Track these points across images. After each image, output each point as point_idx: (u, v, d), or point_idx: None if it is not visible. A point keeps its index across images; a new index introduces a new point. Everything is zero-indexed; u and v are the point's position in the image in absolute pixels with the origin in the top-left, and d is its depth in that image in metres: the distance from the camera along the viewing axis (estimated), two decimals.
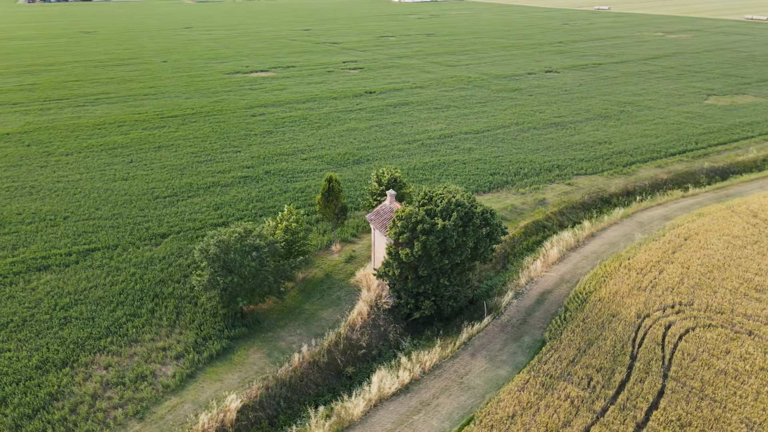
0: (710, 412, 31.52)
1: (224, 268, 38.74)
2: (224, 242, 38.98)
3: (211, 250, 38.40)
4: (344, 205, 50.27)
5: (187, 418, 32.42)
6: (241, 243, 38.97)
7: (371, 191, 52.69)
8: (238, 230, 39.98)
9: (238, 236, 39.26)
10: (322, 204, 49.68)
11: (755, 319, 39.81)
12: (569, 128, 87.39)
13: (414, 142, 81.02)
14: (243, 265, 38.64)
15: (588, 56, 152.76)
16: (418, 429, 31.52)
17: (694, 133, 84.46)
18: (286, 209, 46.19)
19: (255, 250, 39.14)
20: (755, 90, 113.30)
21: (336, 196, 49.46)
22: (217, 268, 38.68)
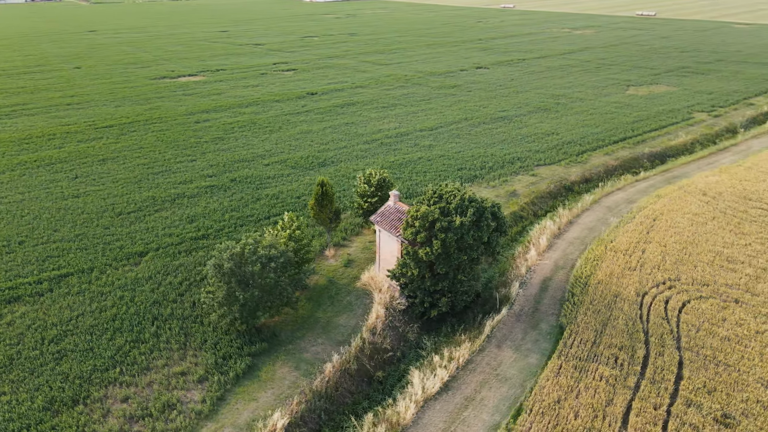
0: (728, 376, 34.39)
1: (242, 283, 36.97)
2: (238, 255, 37.17)
3: (226, 265, 36.48)
4: (338, 208, 49.49)
5: None
6: (256, 255, 37.33)
7: (360, 193, 52.24)
8: (249, 242, 38.25)
9: (251, 248, 37.56)
10: (315, 209, 48.60)
11: (736, 288, 43.77)
12: (516, 121, 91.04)
13: (372, 141, 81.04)
14: (262, 278, 37.07)
15: (510, 52, 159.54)
16: (472, 425, 31.88)
17: (627, 122, 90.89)
18: (287, 216, 44.74)
19: (271, 261, 37.66)
20: (666, 80, 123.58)
21: (330, 200, 48.57)
22: (234, 283, 36.82)
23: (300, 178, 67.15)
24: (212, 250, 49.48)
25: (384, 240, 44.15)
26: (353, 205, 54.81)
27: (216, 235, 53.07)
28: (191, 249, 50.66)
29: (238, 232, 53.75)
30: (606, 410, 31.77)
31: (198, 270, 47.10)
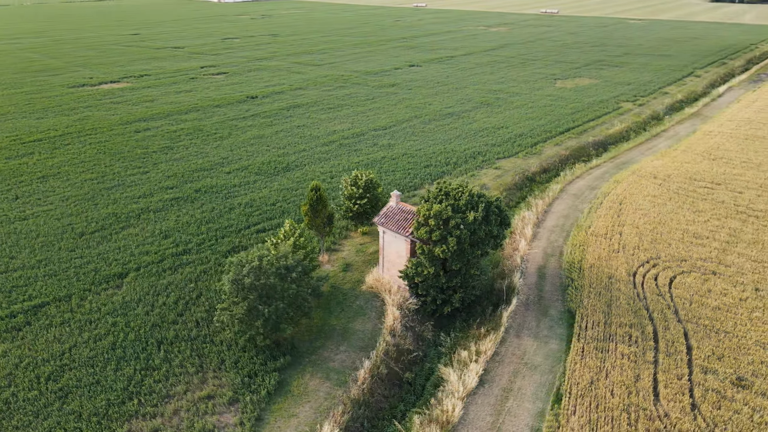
0: (729, 342, 37.55)
1: (263, 296, 35.40)
2: (257, 268, 35.54)
3: (247, 280, 34.77)
4: (331, 213, 48.56)
5: None
6: (275, 267, 35.87)
7: (349, 195, 51.55)
8: (264, 253, 36.68)
9: (269, 260, 36.04)
10: (310, 215, 47.39)
11: (710, 261, 47.76)
12: (464, 117, 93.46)
13: (330, 143, 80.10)
14: (284, 289, 35.71)
15: (437, 50, 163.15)
16: (518, 414, 32.63)
17: (566, 113, 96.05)
18: (288, 224, 43.28)
19: (291, 271, 36.36)
20: (586, 73, 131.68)
21: (324, 205, 47.56)
22: (256, 297, 35.19)
23: (268, 185, 65.10)
24: (202, 265, 47.37)
25: (388, 241, 43.93)
26: (341, 209, 53.99)
27: (198, 250, 50.35)
28: (176, 266, 47.72)
29: (220, 244, 51.33)
30: (636, 386, 33.67)
31: (191, 287, 44.52)
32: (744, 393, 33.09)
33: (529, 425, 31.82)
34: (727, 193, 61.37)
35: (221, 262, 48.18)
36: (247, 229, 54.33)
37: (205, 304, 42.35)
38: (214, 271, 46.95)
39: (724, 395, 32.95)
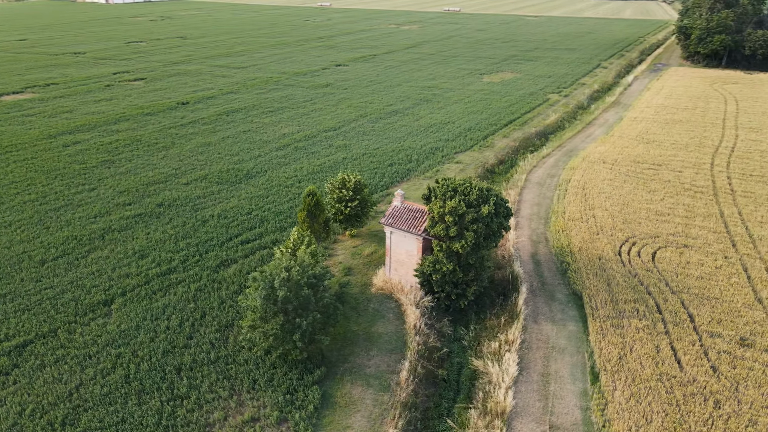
0: (721, 306, 41.30)
1: (298, 308, 33.93)
2: (287, 280, 33.98)
3: (281, 294, 33.14)
4: (328, 217, 47.40)
5: None
6: (306, 277, 34.49)
7: (339, 198, 50.50)
8: (291, 264, 35.13)
9: (299, 270, 34.58)
10: (308, 221, 46.00)
11: (678, 235, 52.12)
12: (409, 114, 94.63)
13: (284, 147, 77.97)
14: (318, 300, 34.47)
15: (357, 49, 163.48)
16: (564, 396, 33.90)
17: (503, 106, 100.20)
18: (295, 233, 41.66)
19: (320, 281, 35.16)
20: (507, 67, 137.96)
21: (322, 210, 46.36)
22: (290, 311, 33.66)
23: (234, 194, 62.22)
24: (194, 283, 44.63)
25: (396, 241, 43.70)
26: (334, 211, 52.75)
27: (184, 267, 47.18)
28: (165, 287, 44.45)
29: (207, 259, 48.45)
30: (660, 356, 36.16)
31: (191, 308, 41.70)
32: (750, 351, 36.63)
33: (578, 405, 33.22)
34: (669, 173, 67.16)
35: (215, 278, 45.58)
36: (230, 241, 51.69)
37: (213, 324, 39.89)
38: (211, 288, 44.29)
39: (735, 355, 36.29)
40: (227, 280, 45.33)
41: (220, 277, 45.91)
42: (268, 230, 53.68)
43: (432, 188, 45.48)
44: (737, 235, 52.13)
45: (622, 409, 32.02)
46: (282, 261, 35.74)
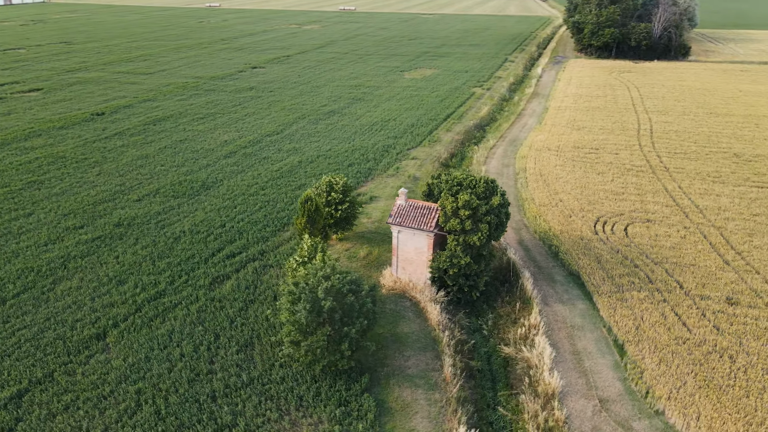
0: (698, 270, 45.63)
1: (344, 317, 32.79)
2: (333, 289, 32.68)
3: (327, 304, 31.80)
4: (326, 222, 46.06)
5: None
6: (347, 284, 33.37)
7: (328, 201, 49.18)
8: (328, 272, 33.81)
9: (339, 278, 33.38)
10: (308, 227, 44.40)
11: (638, 212, 56.71)
12: (347, 114, 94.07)
13: (231, 155, 74.39)
14: (362, 306, 33.53)
15: (268, 50, 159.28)
16: (600, 371, 35.81)
17: (435, 102, 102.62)
18: (309, 241, 39.94)
19: (361, 287, 34.22)
20: (423, 63, 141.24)
21: (321, 215, 44.95)
22: (336, 320, 32.44)
23: (197, 207, 58.43)
24: (192, 304, 41.76)
25: (404, 240, 43.52)
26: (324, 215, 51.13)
27: (174, 289, 43.67)
28: (162, 312, 40.90)
29: (196, 278, 45.17)
30: (667, 322, 39.34)
31: (201, 331, 38.78)
32: (738, 309, 40.95)
33: (616, 377, 35.30)
34: (608, 155, 72.80)
35: (213, 297, 42.70)
36: (213, 257, 48.58)
37: (231, 345, 37.43)
38: (214, 308, 41.43)
39: (728, 313, 40.38)
40: (228, 298, 42.66)
41: (219, 295, 43.09)
42: (250, 242, 51.13)
43: (431, 184, 45.97)
44: (686, 207, 57.81)
45: (657, 375, 34.54)
46: (316, 270, 34.29)
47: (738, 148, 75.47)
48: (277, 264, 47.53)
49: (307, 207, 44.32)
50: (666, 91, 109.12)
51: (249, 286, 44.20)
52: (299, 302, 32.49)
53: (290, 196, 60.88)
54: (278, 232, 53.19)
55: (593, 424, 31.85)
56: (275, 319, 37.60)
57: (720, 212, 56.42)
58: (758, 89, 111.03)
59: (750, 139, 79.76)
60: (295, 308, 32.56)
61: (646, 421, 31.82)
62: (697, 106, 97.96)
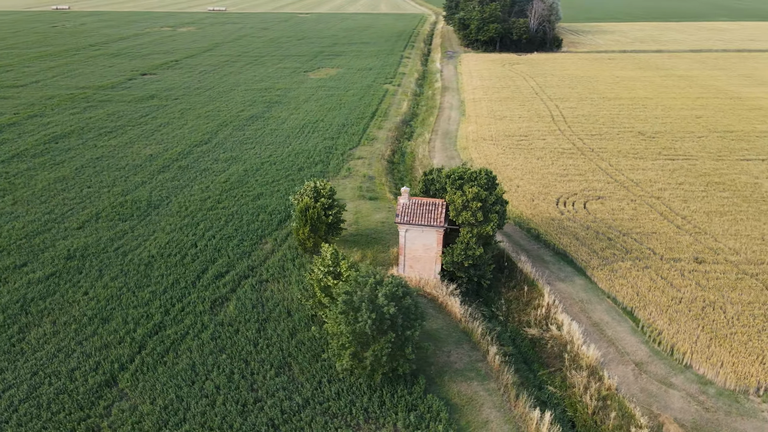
0: (661, 237, 50.82)
1: (405, 320, 32.09)
2: (391, 294, 31.79)
3: (391, 310, 30.91)
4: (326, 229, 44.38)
5: None
6: (401, 288, 32.65)
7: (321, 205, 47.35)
8: (377, 279, 32.81)
9: (391, 280, 32.56)
10: (313, 236, 42.56)
11: (587, 191, 61.61)
12: (270, 117, 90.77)
13: (166, 168, 68.62)
14: (416, 307, 33.02)
15: (152, 55, 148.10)
16: (624, 338, 38.66)
17: (354, 101, 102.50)
18: (329, 250, 38.16)
19: (409, 290, 33.64)
20: (323, 63, 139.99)
21: (323, 222, 43.26)
22: (399, 325, 31.68)
23: (154, 227, 53.27)
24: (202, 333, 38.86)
25: (412, 238, 43.38)
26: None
27: (175, 319, 39.68)
28: (170, 346, 37.03)
29: (191, 304, 41.39)
30: (658, 285, 43.47)
31: (225, 359, 35.73)
32: (707, 266, 46.41)
33: (638, 341, 38.38)
34: (538, 142, 78.09)
35: (222, 322, 39.51)
36: (200, 280, 44.76)
37: (267, 369, 35.01)
38: (228, 333, 38.33)
39: (701, 271, 45.59)
40: (238, 320, 39.70)
41: (226, 318, 39.93)
42: (233, 259, 47.85)
43: (428, 180, 46.37)
44: (624, 182, 63.96)
45: (672, 333, 38.19)
46: (366, 277, 33.10)
47: (639, 128, 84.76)
48: (273, 278, 45.06)
49: (309, 215, 42.52)
50: (557, 80, 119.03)
51: (255, 304, 41.47)
52: (360, 311, 31.29)
53: (252, 207, 57.75)
54: (257, 246, 50.33)
55: (640, 386, 34.56)
56: (320, 335, 35.73)
57: (652, 184, 63.23)
58: (630, 75, 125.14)
59: (644, 118, 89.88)
60: (358, 317, 31.29)
61: (681, 376, 35.19)
62: (589, 92, 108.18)
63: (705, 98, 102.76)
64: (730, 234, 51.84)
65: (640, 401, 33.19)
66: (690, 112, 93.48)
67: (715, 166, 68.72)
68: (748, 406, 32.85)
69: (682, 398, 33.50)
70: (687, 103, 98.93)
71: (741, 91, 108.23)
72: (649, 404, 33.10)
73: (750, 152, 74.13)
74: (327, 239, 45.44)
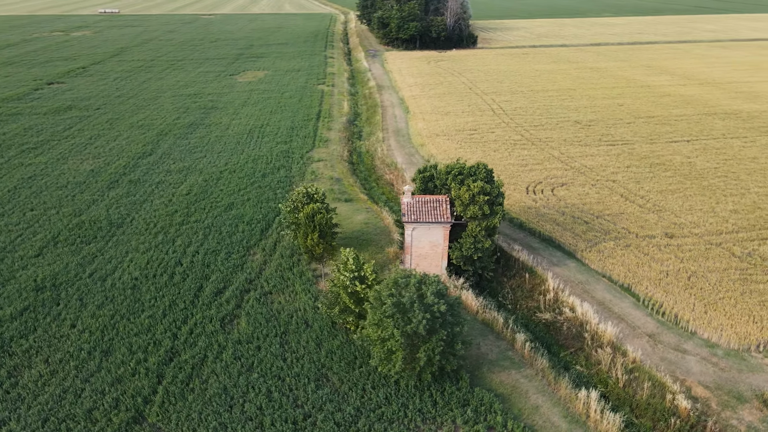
0: (631, 216, 54.52)
1: (452, 317, 32.09)
2: (438, 292, 31.65)
3: (442, 307, 30.79)
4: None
5: None
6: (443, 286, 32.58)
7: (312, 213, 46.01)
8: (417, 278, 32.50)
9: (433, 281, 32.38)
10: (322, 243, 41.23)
11: (551, 177, 64.68)
12: (211, 124, 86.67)
13: (115, 185, 63.52)
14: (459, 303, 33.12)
15: (52, 62, 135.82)
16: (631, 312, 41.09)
17: (293, 102, 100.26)
18: (351, 254, 37.10)
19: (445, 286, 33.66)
20: (247, 66, 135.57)
21: (330, 228, 42.06)
22: (449, 321, 31.66)
23: (127, 247, 49.18)
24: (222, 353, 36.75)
25: (419, 236, 43.34)
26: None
27: (187, 343, 36.96)
28: (194, 371, 34.50)
29: (199, 325, 38.78)
30: (644, 261, 46.68)
31: (257, 378, 33.83)
32: (677, 239, 50.51)
33: (645, 314, 40.93)
34: (488, 134, 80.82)
35: (236, 339, 37.39)
36: (198, 299, 41.97)
37: (305, 383, 33.62)
38: (249, 351, 36.33)
39: (674, 245, 49.53)
40: (255, 336, 37.74)
41: (243, 336, 37.83)
42: (226, 273, 45.34)
43: (426, 177, 46.60)
44: (579, 168, 67.88)
45: (671, 304, 41.21)
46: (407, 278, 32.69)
47: (574, 117, 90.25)
48: (276, 290, 43.22)
49: (317, 221, 41.20)
50: (484, 75, 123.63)
51: (268, 318, 39.62)
52: (411, 312, 30.89)
53: (227, 218, 54.99)
54: (246, 258, 48.03)
55: (659, 355, 37.02)
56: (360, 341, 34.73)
57: (604, 169, 67.69)
58: (547, 68, 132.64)
59: (575, 108, 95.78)
60: (410, 318, 30.86)
61: (690, 342, 38.14)
62: (517, 85, 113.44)
63: (620, 88, 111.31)
64: (685, 210, 56.75)
65: (664, 370, 35.61)
66: (612, 100, 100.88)
67: (651, 149, 74.79)
68: (754, 362, 36.32)
69: (698, 362, 36.37)
70: (606, 93, 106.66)
71: (647, 80, 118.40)
72: (673, 371, 35.62)
73: (674, 134, 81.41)
74: (331, 244, 44.27)
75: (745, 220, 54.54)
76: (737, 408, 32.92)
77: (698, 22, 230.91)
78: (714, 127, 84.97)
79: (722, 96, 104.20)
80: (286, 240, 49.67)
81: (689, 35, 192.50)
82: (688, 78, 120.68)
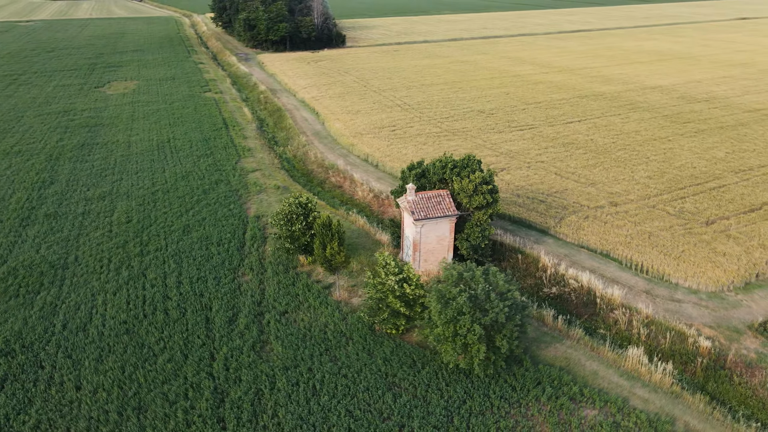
0: (572, 192, 60.02)
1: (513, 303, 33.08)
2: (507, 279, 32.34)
3: (516, 294, 31.62)
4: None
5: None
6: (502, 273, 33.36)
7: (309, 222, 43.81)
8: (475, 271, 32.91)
9: (490, 268, 33.03)
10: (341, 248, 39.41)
11: (491, 164, 68.51)
12: (109, 143, 77.53)
13: (28, 221, 54.39)
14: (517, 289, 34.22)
15: None
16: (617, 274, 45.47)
17: (190, 113, 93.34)
18: (389, 257, 36.01)
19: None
20: (112, 77, 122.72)
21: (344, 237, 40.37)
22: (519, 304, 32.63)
23: (92, 292, 42.53)
24: (276, 383, 34.24)
25: (426, 233, 43.48)
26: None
27: (232, 381, 33.27)
28: (256, 409, 31.31)
29: (232, 359, 35.15)
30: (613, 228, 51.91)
31: (327, 399, 31.79)
32: (620, 207, 56.86)
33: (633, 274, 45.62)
34: (409, 129, 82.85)
35: (282, 366, 34.68)
36: (211, 332, 37.92)
37: (381, 396, 32.39)
38: (304, 378, 33.88)
39: (622, 212, 55.68)
40: (298, 359, 35.28)
41: (286, 362, 35.15)
42: (227, 299, 41.48)
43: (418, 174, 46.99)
44: (508, 153, 72.78)
45: (649, 263, 46.49)
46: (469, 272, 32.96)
47: (476, 107, 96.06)
48: (292, 309, 40.61)
49: (334, 229, 39.40)
50: (370, 73, 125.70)
51: (300, 339, 37.22)
52: (489, 302, 31.34)
53: (190, 242, 50.04)
54: (236, 279, 44.34)
55: (662, 307, 41.70)
56: (434, 341, 34.04)
57: (528, 152, 73.45)
58: (424, 63, 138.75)
59: (471, 99, 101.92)
60: (488, 309, 31.25)
61: (679, 292, 43.45)
62: (407, 80, 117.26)
63: (498, 78, 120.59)
64: (611, 180, 63.97)
65: (672, 318, 40.39)
66: (498, 90, 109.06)
67: (555, 131, 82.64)
68: (732, 300, 42.71)
69: (693, 307, 41.80)
70: (489, 83, 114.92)
71: (514, 70, 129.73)
72: (678, 319, 40.53)
73: (566, 116, 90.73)
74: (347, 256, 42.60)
75: (660, 183, 63.07)
76: (740, 340, 38.63)
77: (527, 17, 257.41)
78: (591, 107, 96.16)
79: (582, 81, 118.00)
80: (273, 256, 46.74)
81: (525, 29, 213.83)
82: (547, 66, 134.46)
